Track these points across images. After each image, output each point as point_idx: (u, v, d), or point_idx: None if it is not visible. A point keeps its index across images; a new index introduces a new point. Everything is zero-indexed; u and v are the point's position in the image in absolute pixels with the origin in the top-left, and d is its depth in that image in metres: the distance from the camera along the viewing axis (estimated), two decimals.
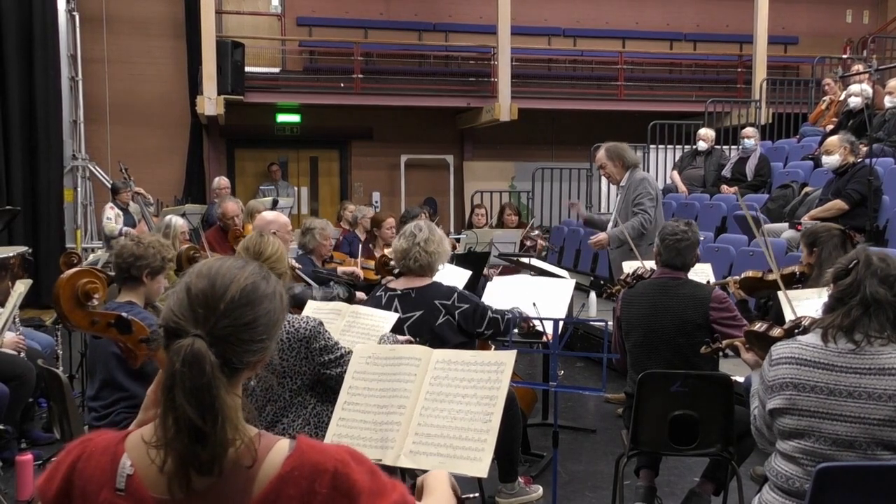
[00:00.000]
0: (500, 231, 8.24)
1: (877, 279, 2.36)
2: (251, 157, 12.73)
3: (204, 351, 1.24)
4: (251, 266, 1.37)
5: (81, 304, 2.08)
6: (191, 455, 1.23)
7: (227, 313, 1.29)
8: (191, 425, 1.22)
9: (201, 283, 1.31)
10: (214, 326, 1.28)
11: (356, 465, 1.30)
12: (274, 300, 1.36)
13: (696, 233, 3.80)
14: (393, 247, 3.82)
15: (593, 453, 4.89)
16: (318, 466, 1.27)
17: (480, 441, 2.36)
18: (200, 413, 1.22)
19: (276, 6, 12.59)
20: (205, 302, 1.29)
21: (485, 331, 3.72)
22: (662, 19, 13.51)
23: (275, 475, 1.26)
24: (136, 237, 3.51)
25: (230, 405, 1.25)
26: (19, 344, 4.60)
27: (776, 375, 2.42)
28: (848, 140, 6.21)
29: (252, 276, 1.35)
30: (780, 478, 2.43)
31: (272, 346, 1.37)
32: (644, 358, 3.68)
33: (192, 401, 1.22)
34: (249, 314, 1.31)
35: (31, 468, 4.02)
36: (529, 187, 12.07)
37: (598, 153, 5.97)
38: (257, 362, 1.36)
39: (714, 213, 8.11)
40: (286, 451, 1.29)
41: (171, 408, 1.23)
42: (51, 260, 8.88)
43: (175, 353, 1.25)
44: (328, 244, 5.64)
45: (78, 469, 1.32)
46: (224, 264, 1.36)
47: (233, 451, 1.26)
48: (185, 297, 1.30)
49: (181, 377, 1.23)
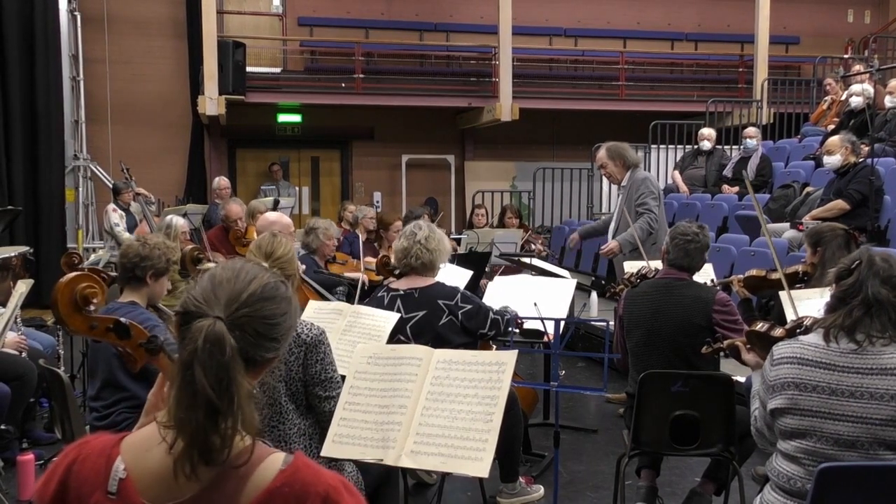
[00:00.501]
0: (502, 231, 8.24)
1: (879, 280, 2.36)
2: (252, 157, 12.73)
3: (224, 332, 1.26)
4: (273, 272, 1.42)
5: (80, 308, 2.07)
6: (202, 436, 1.23)
7: (248, 303, 1.31)
8: (208, 402, 1.22)
9: (226, 274, 1.35)
10: (235, 313, 1.30)
11: (348, 496, 1.29)
12: (291, 305, 1.40)
13: (707, 237, 3.81)
14: (394, 247, 3.82)
15: (594, 453, 4.89)
16: (309, 488, 1.26)
17: (481, 441, 2.36)
18: (218, 391, 1.23)
19: (278, 6, 12.59)
20: (228, 289, 1.32)
21: (488, 331, 3.73)
22: (664, 19, 13.50)
23: (264, 488, 1.25)
24: (141, 238, 3.52)
25: (246, 390, 1.26)
26: (21, 344, 4.60)
27: (777, 375, 2.42)
28: (849, 140, 6.21)
29: (274, 278, 1.39)
30: (782, 478, 2.43)
31: (282, 350, 1.38)
32: (645, 358, 3.68)
33: (211, 378, 1.23)
34: (268, 309, 1.33)
35: (33, 468, 4.02)
36: (531, 187, 12.07)
37: (599, 153, 5.96)
38: (266, 363, 1.36)
39: (715, 213, 8.11)
40: (279, 464, 1.28)
41: (188, 384, 1.24)
42: (52, 260, 8.90)
43: (197, 331, 1.25)
44: (331, 244, 5.64)
45: (73, 472, 1.32)
46: (249, 264, 1.41)
47: (238, 442, 1.25)
48: (209, 284, 1.33)
49: (202, 353, 1.24)
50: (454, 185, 12.99)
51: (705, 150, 9.06)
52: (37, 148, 9.81)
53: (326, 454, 2.53)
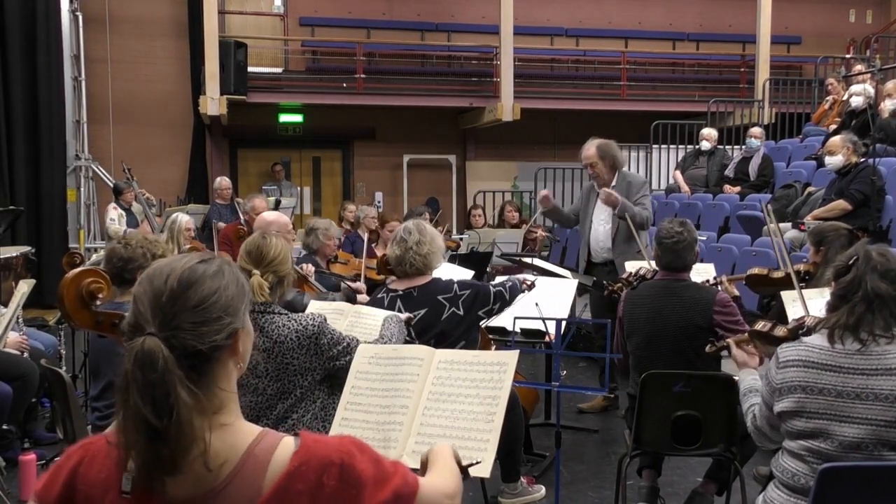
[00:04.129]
0: (503, 231, 8.24)
1: (877, 274, 2.36)
2: (254, 158, 12.74)
3: (155, 347, 1.23)
4: (193, 256, 1.36)
5: (86, 303, 2.09)
6: (152, 455, 1.22)
7: (170, 303, 1.28)
8: (147, 424, 1.21)
9: (142, 287, 1.32)
10: (163, 319, 1.27)
11: (361, 455, 1.33)
12: (220, 278, 1.33)
13: (691, 232, 3.73)
14: (388, 254, 3.81)
15: (596, 453, 4.89)
16: (324, 460, 1.29)
17: (483, 441, 2.36)
18: (155, 410, 1.21)
19: (279, 6, 12.59)
20: (149, 300, 1.29)
21: (493, 305, 3.71)
22: (665, 19, 13.50)
23: (283, 472, 1.27)
24: (122, 239, 3.48)
25: (185, 401, 1.23)
26: (22, 344, 4.60)
27: (784, 378, 2.42)
28: (851, 140, 6.20)
29: (189, 262, 1.34)
30: (786, 474, 2.44)
31: (239, 323, 1.34)
32: (646, 360, 3.67)
33: (145, 398, 1.21)
34: (194, 296, 1.29)
35: (35, 468, 4.03)
36: (532, 187, 12.05)
37: (590, 150, 5.77)
38: (231, 346, 1.33)
39: (717, 213, 8.11)
40: (292, 447, 1.30)
41: (126, 407, 1.23)
42: (54, 260, 8.90)
43: (127, 355, 1.24)
44: (332, 244, 5.62)
45: (80, 473, 1.32)
46: (161, 262, 1.36)
47: (199, 443, 1.24)
48: (134, 302, 1.31)
49: (133, 376, 1.22)
50: (455, 185, 12.99)
51: (707, 150, 9.06)
52: (38, 148, 9.82)
53: None
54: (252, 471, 1.27)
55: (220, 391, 1.31)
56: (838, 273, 2.43)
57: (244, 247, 2.99)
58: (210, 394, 1.29)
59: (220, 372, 1.32)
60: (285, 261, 2.96)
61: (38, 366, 4.34)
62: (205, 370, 1.29)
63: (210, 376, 1.30)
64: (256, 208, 6.76)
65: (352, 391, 2.63)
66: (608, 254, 5.65)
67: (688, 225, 3.76)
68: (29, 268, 5.86)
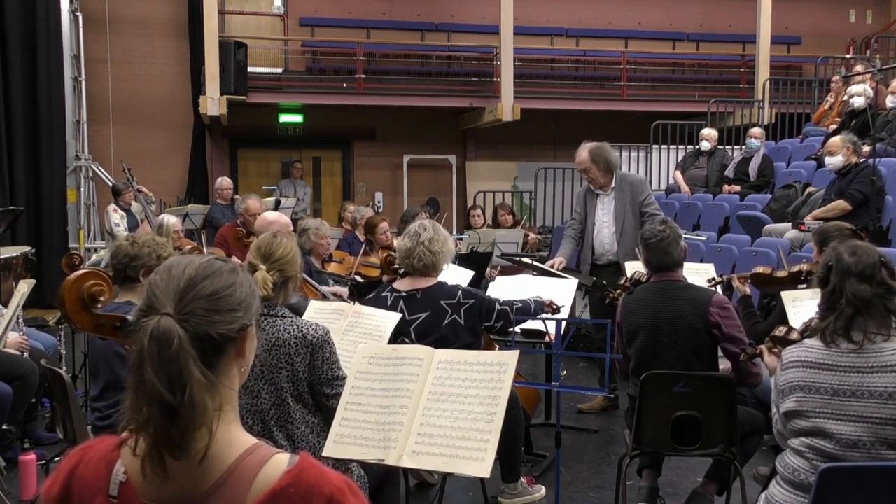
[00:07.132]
0: (503, 231, 8.24)
1: (854, 277, 2.35)
2: (254, 158, 12.74)
3: (171, 325, 1.24)
4: (209, 255, 1.41)
5: (87, 306, 2.08)
6: (164, 434, 1.22)
7: (188, 289, 1.30)
8: (161, 399, 1.21)
9: (158, 275, 1.34)
10: (179, 302, 1.28)
11: (353, 498, 1.28)
12: (235, 276, 1.37)
13: (674, 228, 3.73)
14: (397, 246, 3.81)
15: (596, 453, 4.88)
16: (314, 488, 1.25)
17: (483, 441, 2.36)
18: (170, 386, 1.21)
19: (279, 6, 12.60)
20: (165, 285, 1.31)
21: (494, 324, 3.71)
22: (665, 19, 13.50)
23: (269, 488, 1.24)
24: (130, 237, 3.51)
25: (199, 378, 1.23)
26: (23, 344, 4.61)
27: (787, 379, 2.45)
28: (850, 140, 6.20)
29: (206, 258, 1.38)
30: (788, 469, 2.46)
31: (249, 320, 1.36)
32: (646, 362, 3.66)
33: (160, 373, 1.22)
34: (210, 286, 1.32)
35: (35, 468, 4.03)
36: (532, 187, 12.06)
37: (582, 156, 5.70)
38: (239, 341, 1.34)
39: (717, 213, 8.10)
40: (284, 465, 1.27)
41: (140, 384, 1.23)
42: (53, 260, 8.90)
43: (143, 332, 1.25)
44: (325, 243, 5.61)
45: (76, 475, 1.33)
46: (178, 257, 1.40)
47: (204, 433, 1.24)
48: (150, 288, 1.33)
49: (149, 352, 1.23)
50: (456, 185, 13.00)
51: (707, 151, 9.06)
52: (38, 148, 9.81)
53: (328, 454, 2.53)
54: (237, 482, 1.26)
55: (224, 388, 1.31)
56: (820, 283, 2.45)
57: (256, 242, 2.99)
58: (218, 384, 1.29)
59: (227, 368, 1.33)
60: (293, 262, 2.93)
61: (38, 366, 4.34)
62: (214, 361, 1.29)
63: (218, 368, 1.30)
64: (250, 209, 6.73)
65: (352, 391, 2.63)
66: (612, 256, 5.64)
67: (669, 222, 3.78)
68: (29, 268, 5.86)
